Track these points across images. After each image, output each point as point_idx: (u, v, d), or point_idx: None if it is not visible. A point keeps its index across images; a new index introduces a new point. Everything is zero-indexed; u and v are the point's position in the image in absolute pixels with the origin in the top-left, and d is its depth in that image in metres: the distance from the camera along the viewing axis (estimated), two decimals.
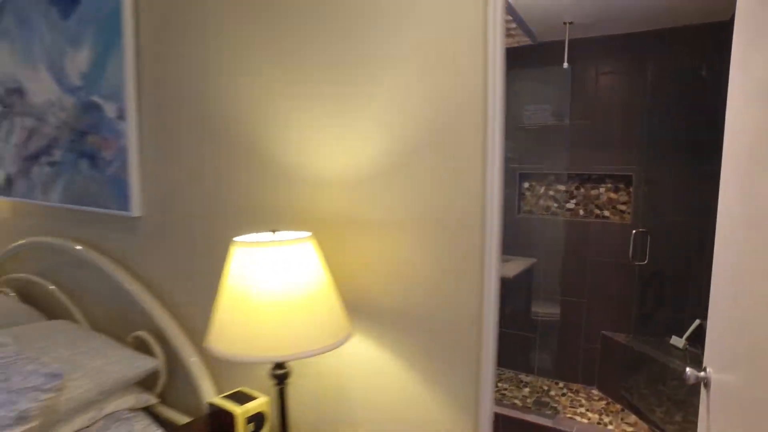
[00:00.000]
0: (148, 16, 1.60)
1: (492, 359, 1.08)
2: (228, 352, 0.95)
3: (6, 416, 1.11)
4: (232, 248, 1.01)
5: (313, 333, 0.96)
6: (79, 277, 1.96)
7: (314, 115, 1.23)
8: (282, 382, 1.05)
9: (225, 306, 0.99)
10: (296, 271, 0.97)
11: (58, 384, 1.18)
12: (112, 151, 1.69)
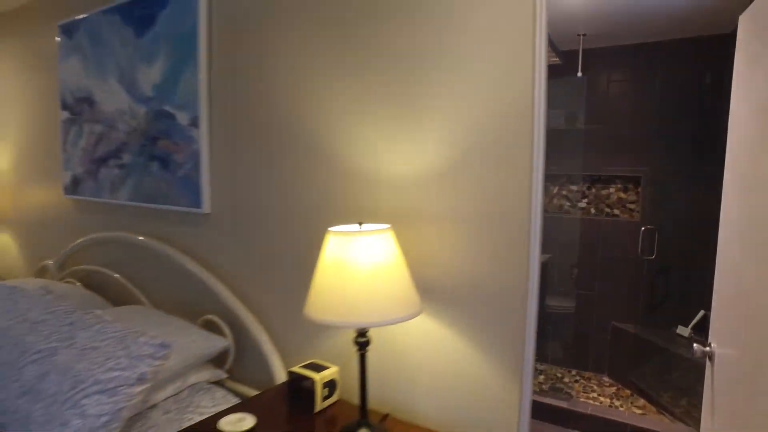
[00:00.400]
0: (220, 36, 1.81)
1: (533, 331, 1.29)
2: (324, 319, 1.16)
3: (130, 376, 1.33)
4: (327, 236, 1.23)
5: (390, 306, 1.17)
6: (144, 268, 2.17)
7: (382, 125, 1.44)
8: (363, 349, 1.27)
9: (321, 283, 1.20)
10: (378, 256, 1.18)
11: (167, 353, 1.39)
12: (184, 154, 1.90)
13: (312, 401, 1.43)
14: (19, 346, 1.50)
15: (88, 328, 1.48)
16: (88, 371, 1.34)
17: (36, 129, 2.76)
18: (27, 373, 1.41)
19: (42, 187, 2.75)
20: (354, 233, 1.19)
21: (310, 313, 1.20)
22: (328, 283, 1.18)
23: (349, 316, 1.15)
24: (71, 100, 2.43)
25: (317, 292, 1.20)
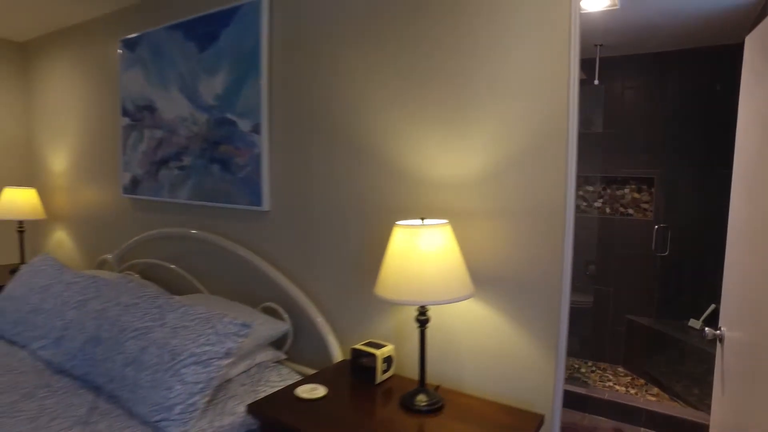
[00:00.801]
0: (279, 50, 2.02)
1: (566, 311, 1.49)
2: (393, 298, 1.37)
3: (219, 351, 1.54)
4: (396, 229, 1.44)
5: (448, 288, 1.37)
6: (203, 261, 2.39)
7: (433, 131, 1.65)
8: (423, 326, 1.47)
9: (390, 268, 1.41)
10: (438, 246, 1.39)
11: (248, 332, 1.61)
12: (245, 158, 2.12)
13: (373, 375, 1.63)
14: (116, 325, 1.72)
15: (175, 310, 1.70)
16: (183, 346, 1.55)
17: (95, 134, 2.99)
18: (129, 347, 1.62)
19: (100, 187, 2.98)
20: (418, 226, 1.40)
21: (381, 293, 1.41)
22: (397, 269, 1.39)
23: (415, 296, 1.36)
24: (132, 108, 2.65)
25: (387, 276, 1.41)
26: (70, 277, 2.22)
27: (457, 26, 1.58)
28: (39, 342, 2.01)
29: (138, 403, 1.52)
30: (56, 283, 2.20)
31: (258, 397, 1.64)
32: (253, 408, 1.47)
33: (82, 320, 1.87)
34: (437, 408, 1.48)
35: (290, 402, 1.50)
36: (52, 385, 1.74)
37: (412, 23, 1.68)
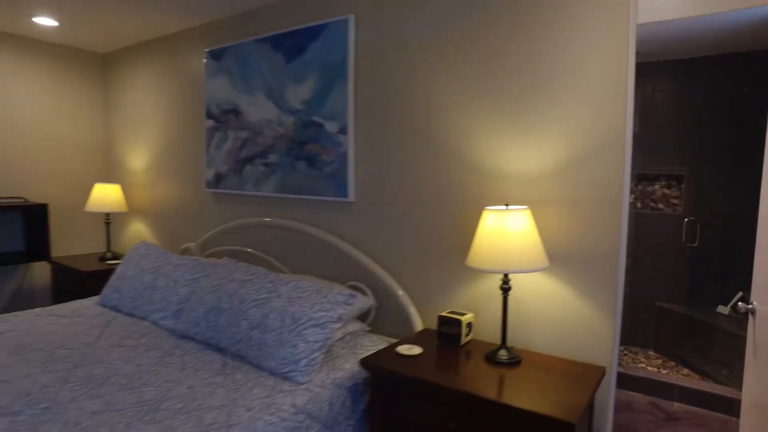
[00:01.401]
0: (364, 61, 2.33)
1: (622, 283, 1.77)
2: (483, 267, 1.66)
3: (333, 316, 1.85)
4: (485, 212, 1.73)
5: (529, 260, 1.66)
6: (286, 246, 2.69)
7: (506, 131, 1.94)
8: (506, 292, 1.76)
9: (480, 244, 1.70)
10: (520, 226, 1.68)
11: (354, 300, 1.91)
12: (331, 155, 2.42)
13: (457, 338, 1.93)
14: (235, 297, 2.04)
15: (287, 284, 2.01)
16: (302, 312, 1.86)
17: (177, 135, 3.32)
18: (251, 314, 1.94)
19: (181, 182, 3.31)
20: (505, 210, 1.69)
21: (472, 264, 1.71)
22: (486, 244, 1.69)
23: (502, 266, 1.65)
24: (216, 111, 2.97)
25: (478, 251, 1.70)
26: (176, 259, 2.54)
27: (529, 39, 1.87)
28: (159, 314, 2.33)
29: (266, 358, 1.83)
30: (165, 264, 2.53)
31: (358, 358, 1.95)
32: (365, 361, 1.77)
33: (200, 294, 2.18)
34: (516, 361, 1.77)
35: (393, 358, 1.80)
36: (182, 347, 2.06)
37: (486, 36, 1.97)
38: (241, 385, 1.72)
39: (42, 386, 1.67)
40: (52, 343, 2.08)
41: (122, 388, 1.67)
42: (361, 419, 1.85)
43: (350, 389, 1.83)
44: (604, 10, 1.72)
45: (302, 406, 1.64)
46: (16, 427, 1.42)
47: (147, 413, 1.51)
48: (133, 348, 2.04)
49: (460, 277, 2.09)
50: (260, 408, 1.57)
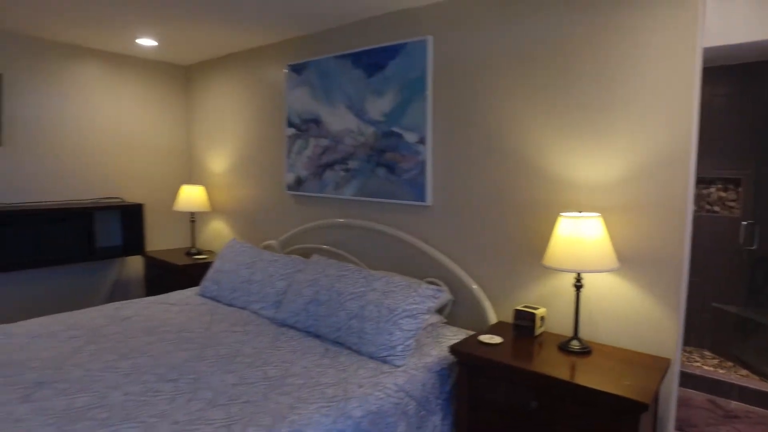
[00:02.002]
0: (442, 78, 2.55)
1: (686, 283, 1.95)
2: (557, 266, 1.88)
3: (423, 308, 2.10)
4: (560, 218, 1.94)
5: (599, 260, 1.86)
6: (363, 245, 2.96)
7: (575, 143, 2.14)
8: (579, 290, 1.97)
9: (554, 245, 1.91)
10: (593, 231, 1.88)
11: (441, 295, 2.15)
12: (410, 163, 2.67)
13: (531, 330, 2.14)
14: (332, 290, 2.31)
15: (379, 279, 2.26)
16: (396, 304, 2.11)
17: (258, 142, 3.64)
18: (349, 306, 2.20)
19: (261, 185, 3.62)
20: (580, 216, 1.90)
21: (548, 264, 1.92)
22: (561, 246, 1.90)
23: (575, 266, 1.86)
24: (297, 120, 3.26)
25: (553, 252, 1.92)
26: (269, 256, 2.85)
27: (599, 56, 2.05)
28: (258, 304, 2.64)
29: (365, 344, 2.09)
30: (259, 260, 2.84)
31: (443, 346, 2.20)
32: (454, 348, 2.01)
33: (298, 287, 2.47)
34: (587, 351, 1.98)
35: (477, 345, 2.03)
36: (285, 334, 2.36)
37: (558, 53, 2.16)
38: (347, 366, 1.99)
39: (184, 361, 1.99)
40: (175, 326, 2.41)
41: (248, 366, 1.97)
42: (447, 399, 2.09)
43: (438, 372, 2.08)
44: (671, 34, 1.89)
45: (402, 386, 1.90)
46: (178, 392, 1.73)
47: (276, 387, 1.80)
48: (244, 333, 2.35)
49: (530, 274, 2.30)
50: (369, 386, 1.83)
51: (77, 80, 3.69)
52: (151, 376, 1.87)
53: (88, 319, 2.51)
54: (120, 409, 1.63)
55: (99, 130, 3.83)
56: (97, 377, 1.86)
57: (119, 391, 1.75)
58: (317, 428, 1.57)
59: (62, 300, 3.73)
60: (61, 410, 1.61)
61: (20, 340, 2.21)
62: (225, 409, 1.64)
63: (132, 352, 2.09)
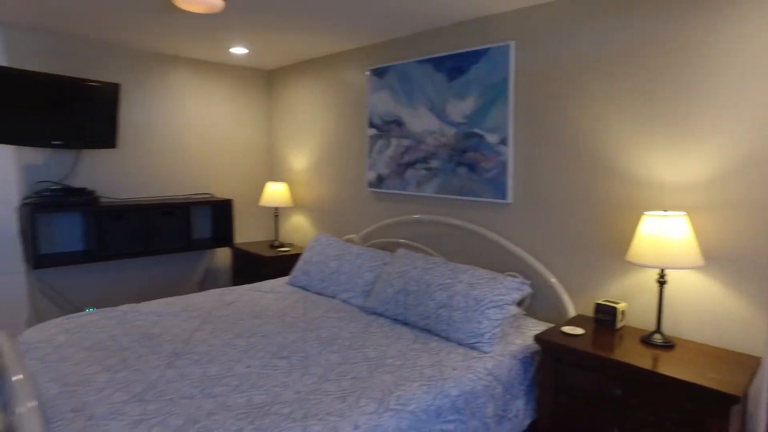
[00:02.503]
0: (524, 81, 2.67)
1: None
2: (642, 262, 1.97)
3: (508, 299, 2.24)
4: (644, 217, 2.03)
5: (684, 258, 1.94)
6: (443, 240, 3.12)
7: (657, 144, 2.20)
8: (662, 286, 2.05)
9: (638, 242, 2.01)
10: (678, 229, 1.96)
11: (525, 288, 2.29)
12: (491, 163, 2.80)
13: (612, 323, 2.24)
14: (421, 282, 2.49)
15: (465, 272, 2.43)
16: (483, 295, 2.27)
17: (339, 141, 3.87)
18: (438, 296, 2.38)
19: (343, 182, 3.86)
20: (664, 215, 1.98)
21: (632, 260, 2.02)
22: (646, 243, 1.99)
23: (660, 262, 1.95)
24: (379, 122, 3.46)
25: (637, 249, 2.01)
26: (356, 249, 3.07)
27: (687, 57, 2.11)
28: (347, 294, 2.86)
29: (454, 332, 2.26)
30: (346, 253, 3.06)
31: (525, 336, 2.33)
32: (539, 337, 2.15)
33: (386, 278, 2.67)
34: (670, 345, 2.06)
35: (560, 335, 2.16)
36: (375, 321, 2.56)
37: (642, 55, 2.23)
38: (438, 351, 2.17)
39: (291, 342, 2.24)
40: (276, 311, 2.68)
41: (348, 348, 2.19)
42: (530, 385, 2.23)
43: (521, 360, 2.22)
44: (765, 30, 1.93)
45: (491, 370, 2.06)
46: (292, 368, 1.97)
47: (377, 367, 2.00)
48: (337, 319, 2.58)
49: (610, 270, 2.39)
50: (462, 368, 2.01)
51: (175, 87, 4.06)
52: (266, 353, 2.13)
53: (199, 303, 2.82)
54: (246, 379, 1.88)
55: (193, 132, 4.20)
56: (220, 351, 2.13)
57: (242, 364, 2.01)
58: (420, 403, 1.76)
59: (162, 285, 4.13)
60: (198, 377, 1.89)
61: (150, 318, 2.54)
62: (336, 383, 1.85)
63: (245, 332, 2.36)
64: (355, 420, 1.60)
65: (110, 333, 2.33)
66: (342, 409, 1.65)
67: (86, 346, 2.17)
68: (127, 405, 1.67)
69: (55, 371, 1.93)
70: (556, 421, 2.14)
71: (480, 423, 1.95)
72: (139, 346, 2.18)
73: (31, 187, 3.44)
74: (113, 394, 1.74)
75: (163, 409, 1.64)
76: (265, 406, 1.67)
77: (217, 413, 1.62)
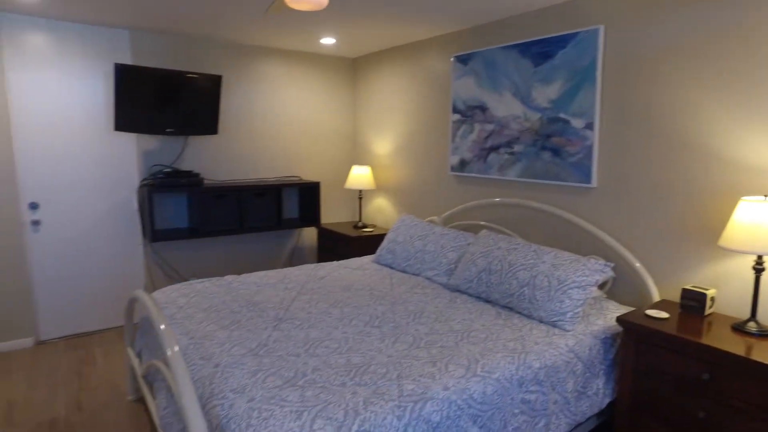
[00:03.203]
0: (612, 65, 2.66)
1: None
2: (737, 248, 1.95)
3: (591, 281, 2.29)
4: (741, 201, 2.00)
5: None
6: (525, 223, 3.18)
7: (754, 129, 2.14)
8: (759, 273, 2.02)
9: (732, 227, 1.98)
10: None
11: (609, 270, 2.33)
12: (576, 147, 2.82)
13: (701, 309, 2.23)
14: (504, 262, 2.59)
15: (548, 254, 2.49)
16: (566, 276, 2.34)
17: (421, 126, 4.00)
18: (520, 276, 2.47)
19: (425, 166, 4.00)
20: (763, 200, 1.94)
21: (726, 245, 2.00)
22: (742, 229, 1.96)
23: (758, 248, 1.92)
24: (462, 107, 3.55)
25: (731, 234, 1.99)
26: (440, 230, 3.20)
27: None
28: (431, 272, 3.01)
29: (536, 310, 2.35)
30: (430, 234, 3.21)
31: (607, 317, 2.37)
32: (622, 318, 2.18)
33: (470, 258, 2.79)
34: (766, 334, 2.02)
35: (644, 318, 2.18)
36: (458, 298, 2.70)
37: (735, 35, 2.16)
38: (520, 327, 2.27)
39: (382, 313, 2.42)
40: (365, 286, 2.88)
41: (435, 321, 2.34)
42: (610, 365, 2.28)
43: (603, 340, 2.27)
44: None
45: (572, 347, 2.13)
46: (384, 336, 2.15)
47: (463, 338, 2.14)
48: (422, 295, 2.73)
49: (699, 256, 2.36)
50: (544, 344, 2.10)
51: (268, 77, 4.36)
52: (359, 322, 2.32)
53: (294, 276, 3.09)
54: (344, 343, 2.08)
55: (284, 119, 4.49)
56: (317, 319, 2.36)
57: (339, 331, 2.22)
58: (504, 372, 1.88)
59: (255, 260, 4.50)
60: (302, 339, 2.12)
61: (251, 288, 2.83)
62: (426, 350, 2.01)
63: (338, 303, 2.58)
64: (445, 382, 1.75)
65: (221, 299, 2.63)
66: (432, 372, 1.81)
67: (204, 308, 2.47)
68: (244, 357, 1.92)
69: (183, 327, 2.23)
70: (636, 402, 2.18)
71: (560, 396, 2.04)
72: (246, 310, 2.46)
73: (148, 170, 3.87)
74: (232, 348, 2.00)
75: (275, 363, 1.88)
76: (363, 366, 1.86)
77: (321, 369, 1.83)
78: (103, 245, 3.76)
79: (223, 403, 1.61)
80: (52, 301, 3.61)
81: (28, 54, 3.35)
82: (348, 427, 1.48)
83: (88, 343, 3.61)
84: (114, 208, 3.77)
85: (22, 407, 2.70)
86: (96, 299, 3.78)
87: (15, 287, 3.44)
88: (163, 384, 2.03)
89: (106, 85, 3.63)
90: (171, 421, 1.89)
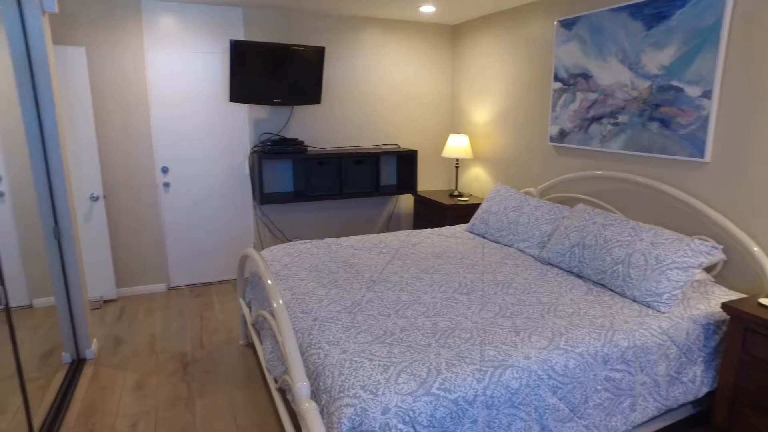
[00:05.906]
0: (740, 25, 2.40)
1: None
2: None
3: (694, 263, 2.18)
4: None
5: None
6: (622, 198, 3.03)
7: None
8: None
9: None
10: None
11: (716, 252, 2.19)
12: (689, 118, 2.62)
13: None
14: (599, 237, 2.53)
15: (647, 231, 2.39)
16: (665, 255, 2.23)
17: (521, 95, 3.90)
18: (615, 253, 2.40)
19: (523, 135, 3.91)
20: None
21: None
22: None
23: None
24: (565, 75, 3.40)
25: None
26: (534, 202, 3.17)
27: None
28: (523, 243, 3.01)
29: (629, 288, 2.28)
30: (525, 205, 3.18)
31: (711, 303, 2.24)
32: (727, 305, 2.06)
33: (564, 232, 2.74)
34: None
35: (755, 307, 2.04)
36: (550, 271, 2.68)
37: None
38: (611, 305, 2.23)
39: (471, 281, 2.50)
40: (456, 254, 2.96)
41: (523, 292, 2.37)
42: (711, 353, 2.17)
43: (704, 326, 2.16)
44: None
45: (666, 330, 2.06)
46: (471, 303, 2.23)
47: (549, 311, 2.15)
48: (513, 266, 2.75)
49: None
50: (634, 324, 2.05)
51: (368, 46, 4.46)
52: (448, 288, 2.42)
53: (389, 241, 3.24)
54: (432, 307, 2.19)
55: (383, 88, 4.59)
56: (408, 283, 2.48)
57: (428, 295, 2.33)
58: (588, 347, 1.88)
59: (353, 225, 4.73)
60: (393, 301, 2.26)
61: (348, 251, 3.02)
62: (510, 320, 2.06)
63: (429, 269, 2.69)
64: (527, 352, 1.80)
65: (321, 259, 2.86)
66: (515, 341, 1.87)
67: (305, 267, 2.71)
68: (339, 314, 2.11)
69: (287, 283, 2.48)
70: (738, 395, 2.06)
71: (649, 379, 2.00)
72: (343, 271, 2.65)
73: (258, 138, 4.20)
74: (329, 305, 2.20)
75: (367, 321, 2.04)
76: (448, 330, 1.96)
77: (409, 330, 1.96)
78: (219, 206, 4.18)
79: (320, 352, 1.80)
80: (179, 253, 4.13)
81: (161, 35, 3.75)
82: (430, 383, 1.60)
83: (207, 291, 4.09)
84: (229, 173, 4.16)
85: (160, 340, 3.19)
86: (213, 254, 4.24)
87: (153, 240, 3.99)
88: (270, 332, 2.29)
89: (222, 61, 3.96)
90: (276, 364, 2.14)
